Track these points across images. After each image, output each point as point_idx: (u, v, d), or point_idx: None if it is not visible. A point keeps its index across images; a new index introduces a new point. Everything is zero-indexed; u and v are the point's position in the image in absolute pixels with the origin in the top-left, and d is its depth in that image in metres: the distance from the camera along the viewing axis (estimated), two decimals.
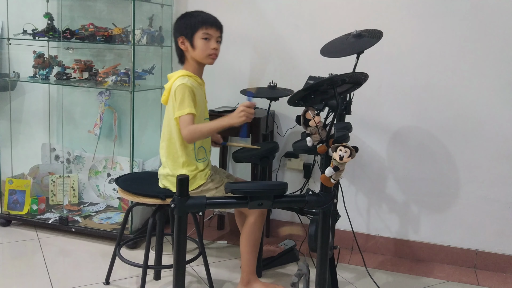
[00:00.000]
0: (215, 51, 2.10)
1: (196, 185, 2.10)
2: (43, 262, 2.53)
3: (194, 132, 2.00)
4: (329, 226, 1.68)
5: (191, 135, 1.99)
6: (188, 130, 1.99)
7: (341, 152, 1.59)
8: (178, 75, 2.08)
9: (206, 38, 2.07)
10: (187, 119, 1.99)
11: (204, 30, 2.07)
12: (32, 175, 3.12)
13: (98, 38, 2.78)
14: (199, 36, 2.07)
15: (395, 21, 2.64)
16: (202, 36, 2.07)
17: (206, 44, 2.07)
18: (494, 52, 2.54)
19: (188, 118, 1.99)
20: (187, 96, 2.00)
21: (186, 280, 2.30)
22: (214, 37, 2.09)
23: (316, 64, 2.68)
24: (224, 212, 3.06)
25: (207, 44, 2.08)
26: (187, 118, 1.99)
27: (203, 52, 2.08)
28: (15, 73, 3.02)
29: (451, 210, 2.71)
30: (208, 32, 2.08)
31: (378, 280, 2.48)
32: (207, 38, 2.08)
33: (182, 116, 1.99)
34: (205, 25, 2.07)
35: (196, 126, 2.03)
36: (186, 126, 1.99)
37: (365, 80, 1.74)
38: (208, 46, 2.08)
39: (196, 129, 2.00)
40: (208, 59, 2.10)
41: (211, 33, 2.08)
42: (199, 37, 2.07)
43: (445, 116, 2.65)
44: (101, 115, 3.06)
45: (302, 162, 2.89)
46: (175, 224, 1.60)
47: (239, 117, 1.93)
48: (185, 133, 1.99)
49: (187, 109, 1.99)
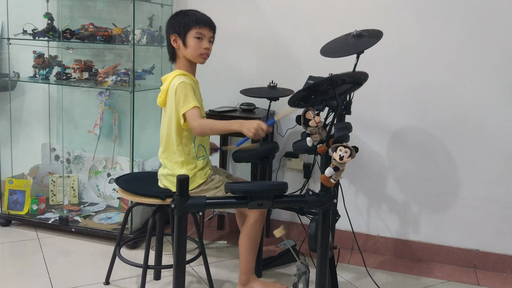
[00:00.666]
0: (207, 51, 2.11)
1: (196, 184, 2.10)
2: (43, 262, 2.53)
3: (205, 126, 2.00)
4: (329, 226, 1.68)
5: (202, 128, 1.99)
6: (199, 123, 1.98)
7: (341, 152, 1.59)
8: (174, 75, 2.09)
9: (199, 37, 2.08)
10: (195, 112, 1.99)
11: (197, 30, 2.08)
12: (32, 175, 3.12)
13: (98, 38, 2.78)
14: (192, 35, 2.08)
15: (395, 21, 2.64)
16: (195, 35, 2.08)
17: (198, 44, 2.08)
18: (494, 52, 2.54)
19: (196, 111, 2.00)
20: (190, 91, 2.01)
21: (186, 280, 2.30)
22: (206, 37, 2.10)
23: (316, 64, 2.67)
24: (224, 212, 3.06)
25: (199, 43, 2.08)
26: (195, 111, 1.99)
27: (195, 51, 2.09)
28: (15, 73, 3.01)
29: (451, 210, 2.71)
30: (201, 31, 2.08)
31: (378, 280, 2.48)
32: (199, 38, 2.08)
33: (189, 110, 1.99)
34: (198, 24, 2.08)
35: (207, 120, 2.05)
36: (196, 119, 1.99)
37: (365, 80, 1.74)
38: (201, 45, 2.09)
39: (206, 124, 2.01)
40: (199, 58, 2.11)
41: (204, 33, 2.09)
42: (192, 36, 2.08)
43: (445, 116, 2.65)
44: (101, 115, 3.06)
45: (302, 162, 2.89)
46: (175, 224, 1.60)
47: (249, 129, 1.90)
48: (195, 125, 1.99)
49: (192, 103, 2.00)
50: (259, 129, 1.89)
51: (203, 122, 2.00)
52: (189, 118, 2.00)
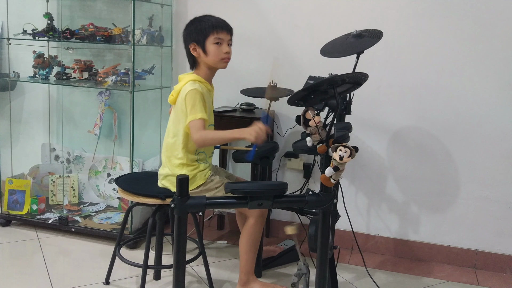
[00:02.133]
0: (228, 55, 2.09)
1: (195, 185, 2.10)
2: (43, 262, 2.53)
3: (206, 138, 1.99)
4: (329, 226, 1.68)
5: (203, 140, 1.99)
6: (200, 135, 1.97)
7: (341, 152, 1.59)
8: (189, 78, 2.07)
9: (217, 42, 2.06)
10: (199, 124, 1.98)
11: (215, 35, 2.05)
12: (32, 175, 3.12)
13: (98, 38, 2.78)
14: (211, 41, 2.05)
15: (395, 21, 2.64)
16: (214, 41, 2.05)
17: (218, 49, 2.06)
18: (494, 52, 2.54)
19: (200, 123, 1.98)
20: (198, 101, 2.00)
21: (186, 280, 2.30)
22: (225, 41, 2.08)
23: (316, 64, 2.67)
24: (224, 212, 3.06)
25: (219, 48, 2.06)
26: (199, 123, 1.98)
27: (216, 57, 2.07)
28: (15, 73, 3.01)
29: (451, 210, 2.71)
30: (220, 36, 2.06)
31: (378, 280, 2.48)
32: (218, 43, 2.06)
33: (194, 120, 1.98)
34: (216, 29, 2.06)
35: (209, 132, 2.03)
36: (198, 130, 1.97)
37: (365, 80, 1.74)
38: (221, 50, 2.07)
39: (208, 135, 2.00)
40: (221, 63, 2.09)
41: (222, 37, 2.07)
42: (211, 42, 2.06)
43: (445, 116, 2.65)
44: (101, 115, 3.06)
45: (302, 162, 2.89)
46: (175, 224, 1.60)
47: (250, 134, 1.89)
48: (196, 137, 1.98)
49: (199, 114, 1.98)
50: (259, 131, 1.88)
51: (204, 134, 1.98)
52: (192, 128, 1.99)
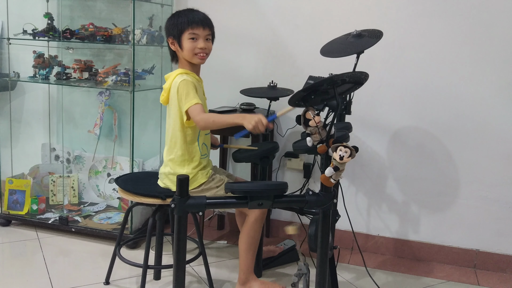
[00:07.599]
0: (202, 51, 2.08)
1: (197, 183, 2.11)
2: (43, 262, 2.53)
3: (208, 120, 1.99)
4: (329, 226, 1.68)
5: (205, 122, 1.99)
6: (202, 117, 1.98)
7: (341, 152, 1.59)
8: (176, 73, 2.09)
9: (193, 38, 2.06)
10: (197, 108, 1.99)
11: (190, 31, 2.05)
12: (32, 175, 3.12)
13: (98, 38, 2.78)
14: (186, 37, 2.06)
15: (395, 21, 2.64)
16: (189, 37, 2.06)
17: (193, 44, 2.06)
18: (494, 52, 2.54)
19: (198, 107, 1.99)
20: (192, 89, 2.01)
21: (186, 280, 2.30)
22: (201, 36, 2.07)
23: (316, 64, 2.67)
24: (224, 212, 3.06)
25: (194, 44, 2.06)
26: (197, 107, 1.99)
27: (190, 52, 2.07)
28: (15, 73, 3.01)
29: (451, 210, 2.71)
30: (195, 32, 2.06)
31: (378, 280, 2.48)
32: (194, 38, 2.06)
33: (192, 106, 1.99)
34: (191, 25, 2.05)
35: (210, 114, 2.05)
36: (199, 114, 1.98)
37: (365, 79, 1.74)
38: (195, 46, 2.06)
39: (209, 118, 2.01)
40: (196, 58, 2.09)
41: (198, 33, 2.06)
42: (186, 38, 2.06)
43: (445, 116, 2.65)
44: (101, 115, 3.06)
45: (302, 162, 2.89)
46: (175, 224, 1.60)
47: (249, 122, 1.87)
48: (198, 119, 1.98)
49: (194, 100, 2.00)
50: (259, 123, 1.86)
51: (205, 116, 2.00)
52: (192, 113, 1.99)
